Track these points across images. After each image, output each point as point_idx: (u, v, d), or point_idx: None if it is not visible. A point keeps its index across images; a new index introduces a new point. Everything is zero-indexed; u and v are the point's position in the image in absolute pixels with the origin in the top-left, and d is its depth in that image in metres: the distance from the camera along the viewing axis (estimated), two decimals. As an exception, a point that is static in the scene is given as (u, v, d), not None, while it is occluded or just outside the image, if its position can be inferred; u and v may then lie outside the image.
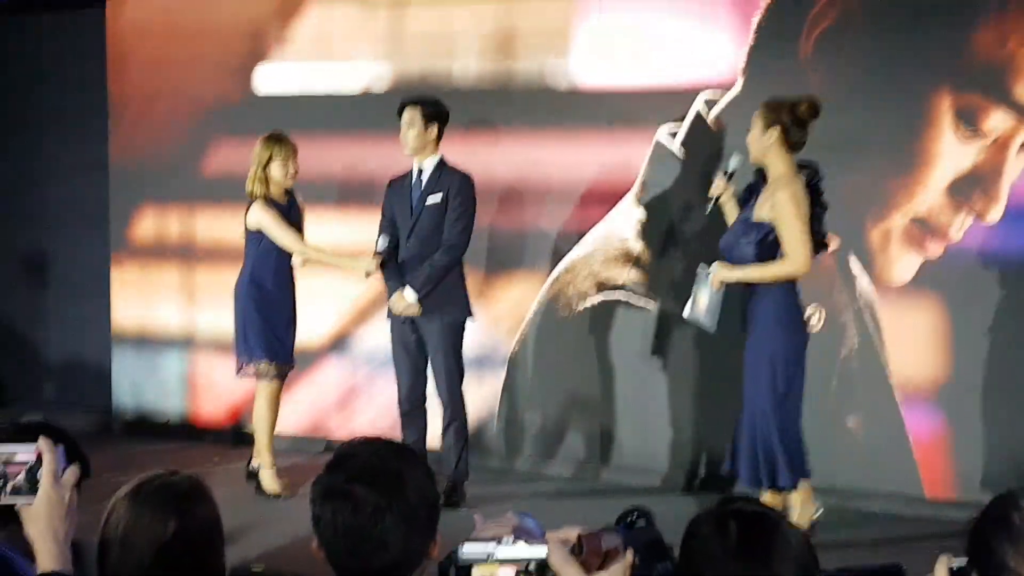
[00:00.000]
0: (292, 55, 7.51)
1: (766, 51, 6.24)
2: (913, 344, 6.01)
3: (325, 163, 7.16)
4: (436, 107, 6.04)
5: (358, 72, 7.35)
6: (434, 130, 6.01)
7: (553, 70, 6.78)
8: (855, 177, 6.03)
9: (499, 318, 6.84)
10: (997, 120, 5.78)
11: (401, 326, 6.13)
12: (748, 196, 5.27)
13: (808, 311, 6.05)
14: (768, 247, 5.03)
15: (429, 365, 6.12)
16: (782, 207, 4.98)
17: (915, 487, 5.98)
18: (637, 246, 6.58)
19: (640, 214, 6.57)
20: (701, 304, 5.20)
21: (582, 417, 6.79)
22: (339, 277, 6.96)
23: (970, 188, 5.85)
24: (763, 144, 5.10)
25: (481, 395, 6.80)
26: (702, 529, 1.92)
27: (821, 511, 5.20)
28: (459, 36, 7.04)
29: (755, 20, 6.26)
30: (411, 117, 5.99)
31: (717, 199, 5.37)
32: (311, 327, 7.12)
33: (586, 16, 6.68)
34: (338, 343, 7.40)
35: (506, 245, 6.85)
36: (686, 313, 5.32)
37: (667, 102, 6.44)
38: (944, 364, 5.97)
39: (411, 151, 6.04)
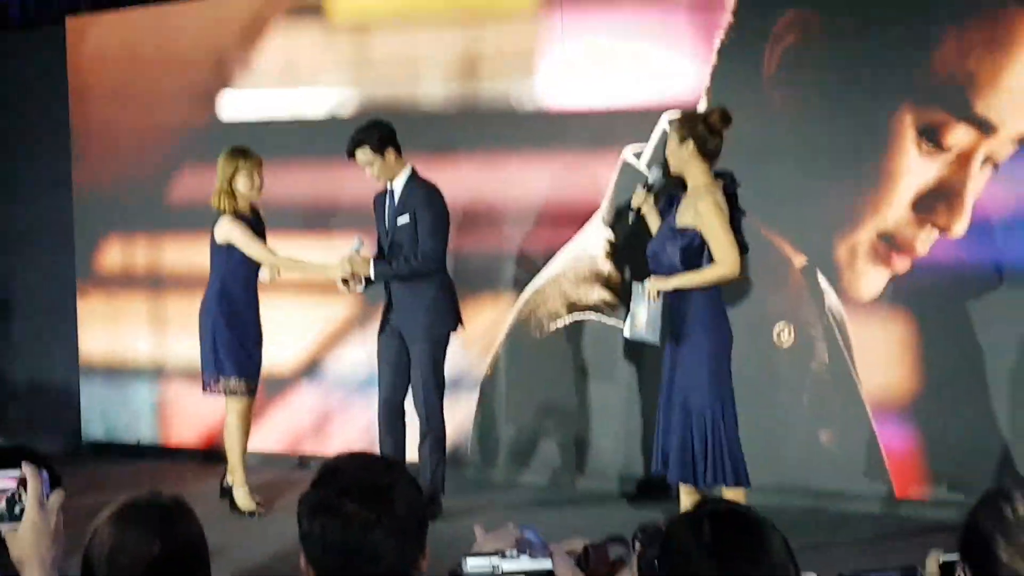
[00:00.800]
0: (256, 81, 7.50)
1: (729, 70, 6.30)
2: (882, 356, 6.06)
3: (291, 188, 7.14)
4: (378, 131, 5.97)
5: (323, 97, 7.35)
6: (391, 152, 5.99)
7: (518, 92, 6.81)
8: (821, 193, 6.09)
9: (471, 340, 6.83)
10: (959, 135, 5.84)
11: (387, 337, 6.12)
12: (669, 205, 5.40)
13: (777, 327, 6.15)
14: (694, 252, 5.20)
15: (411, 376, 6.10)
16: (706, 215, 5.15)
17: (887, 489, 6.04)
18: (606, 265, 6.61)
19: (608, 233, 6.60)
20: (640, 320, 5.30)
21: (556, 428, 6.81)
22: (313, 301, 6.94)
23: (934, 203, 5.91)
24: (680, 156, 5.26)
25: (457, 413, 6.79)
26: (678, 531, 1.93)
27: None
28: (424, 60, 7.06)
29: (717, 39, 6.32)
30: (363, 157, 5.97)
31: (639, 210, 5.55)
32: (285, 350, 7.10)
33: (550, 39, 6.72)
34: (312, 367, 7.37)
35: (476, 268, 6.85)
36: (626, 332, 5.39)
37: (632, 122, 6.48)
38: (913, 375, 6.02)
39: (384, 181, 6.06)
